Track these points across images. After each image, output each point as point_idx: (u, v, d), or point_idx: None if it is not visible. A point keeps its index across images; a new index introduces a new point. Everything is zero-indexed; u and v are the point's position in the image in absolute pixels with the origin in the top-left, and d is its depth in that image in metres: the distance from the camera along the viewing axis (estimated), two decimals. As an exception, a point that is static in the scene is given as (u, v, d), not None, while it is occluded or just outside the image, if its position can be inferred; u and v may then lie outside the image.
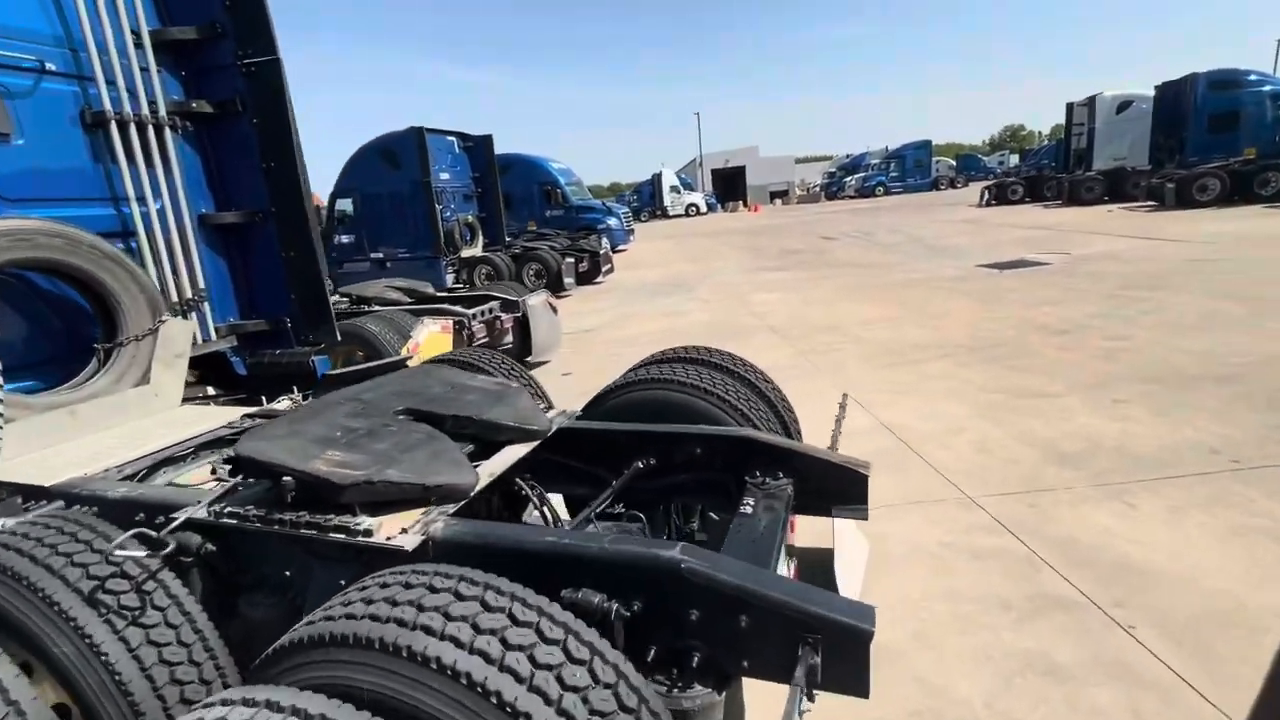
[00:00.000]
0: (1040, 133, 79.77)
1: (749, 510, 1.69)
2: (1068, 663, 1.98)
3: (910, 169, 40.64)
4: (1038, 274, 9.19)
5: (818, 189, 49.55)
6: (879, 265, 11.67)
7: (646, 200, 43.88)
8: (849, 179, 44.72)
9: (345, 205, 12.33)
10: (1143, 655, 1.98)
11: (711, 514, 1.94)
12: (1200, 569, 2.36)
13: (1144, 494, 2.93)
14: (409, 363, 3.48)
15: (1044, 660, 2.00)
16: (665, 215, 41.77)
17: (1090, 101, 20.89)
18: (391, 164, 11.50)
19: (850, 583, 2.26)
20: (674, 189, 42.32)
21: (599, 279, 13.56)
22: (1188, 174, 15.96)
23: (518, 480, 2.00)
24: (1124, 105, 20.39)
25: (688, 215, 41.79)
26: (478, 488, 1.65)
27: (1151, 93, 19.19)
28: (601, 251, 13.41)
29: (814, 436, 2.82)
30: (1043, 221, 16.48)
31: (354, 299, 5.61)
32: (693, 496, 2.00)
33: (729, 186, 54.44)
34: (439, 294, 6.19)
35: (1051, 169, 25.12)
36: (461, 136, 13.02)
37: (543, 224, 18.69)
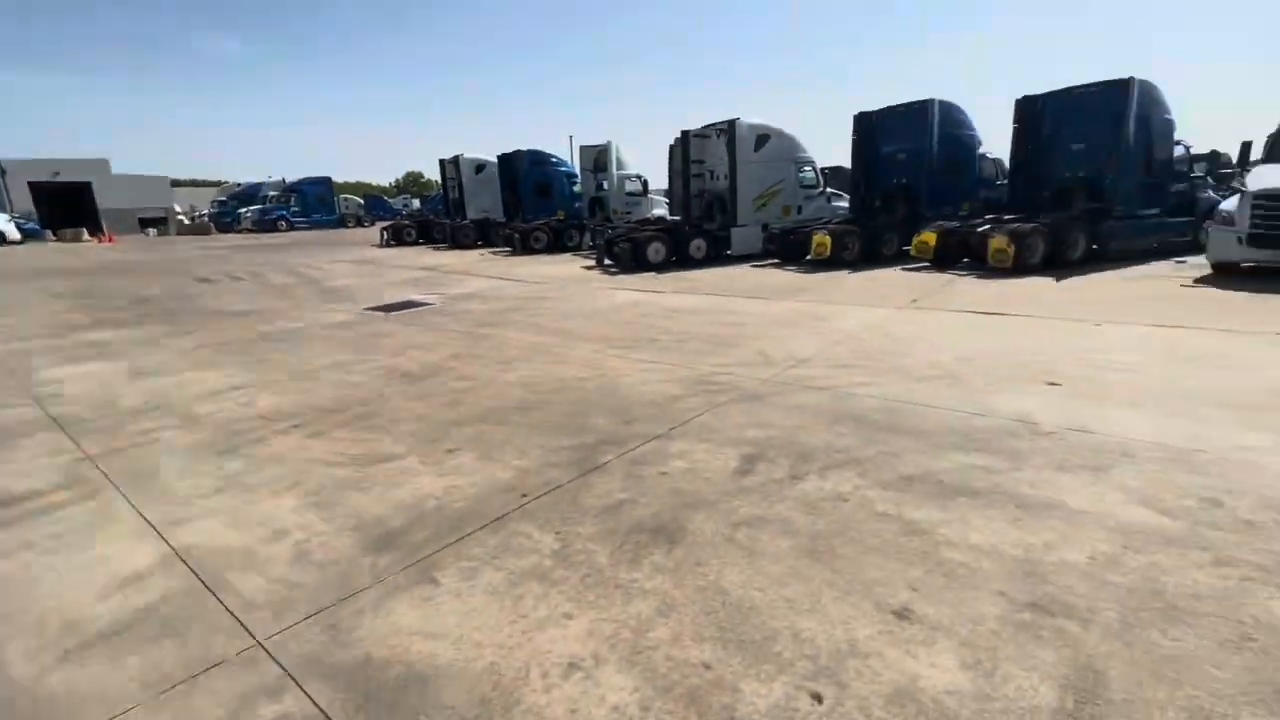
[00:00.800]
0: (435, 181, 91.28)
1: None
2: None
3: (314, 204, 39.22)
4: (419, 315, 9.71)
5: (206, 219, 42.22)
6: (258, 313, 10.20)
7: (-114, 220, 27.95)
8: (245, 210, 39.77)
9: None
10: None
11: None
12: (477, 647, 2.33)
13: (450, 561, 2.90)
14: None
15: None
16: (-66, 244, 27.49)
17: (455, 161, 24.49)
18: None
19: None
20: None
21: None
22: (528, 227, 20.50)
23: None
24: (480, 167, 24.75)
25: (-16, 245, 28.67)
26: None
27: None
28: None
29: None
30: (432, 263, 18.17)
31: None
32: None
33: (69, 208, 40.63)
34: None
35: (438, 216, 28.42)
36: None
37: None
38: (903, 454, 3.89)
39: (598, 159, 21.14)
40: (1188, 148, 13.46)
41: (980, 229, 12.06)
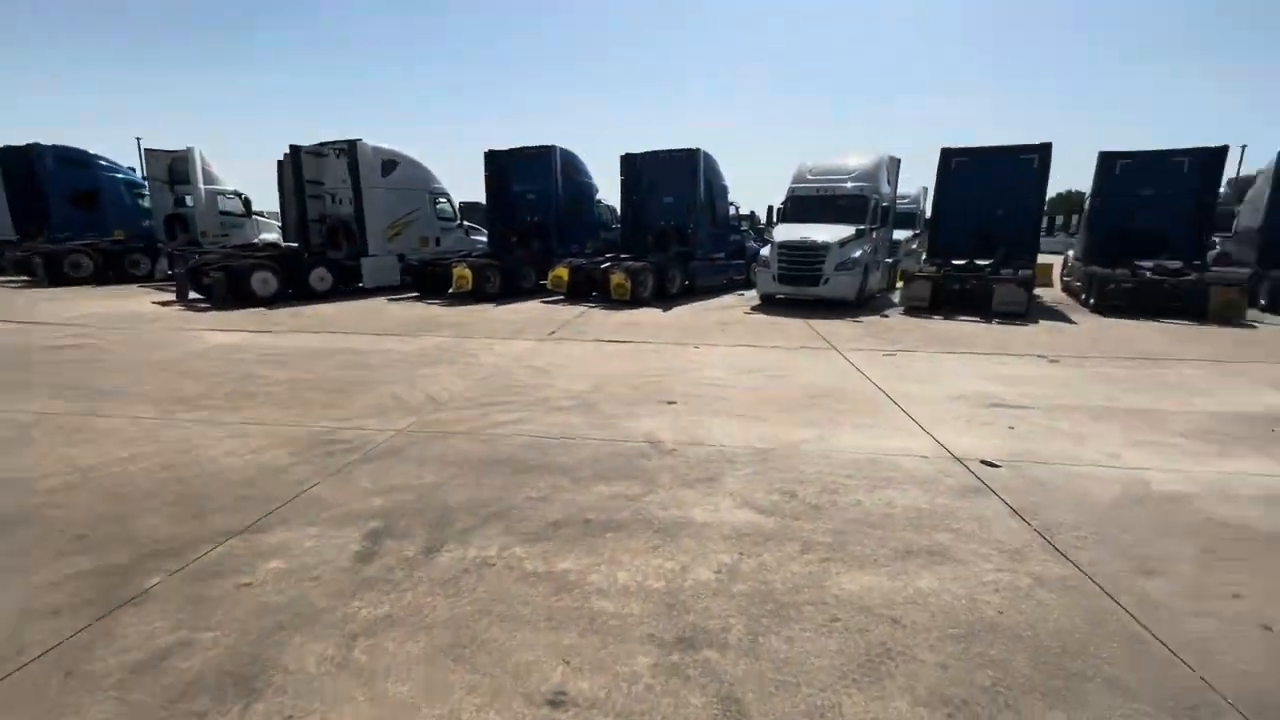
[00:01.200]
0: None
1: None
2: None
3: None
4: None
5: None
6: None
7: None
8: None
9: None
10: None
11: None
12: None
13: None
14: None
15: None
16: None
17: (-91, 148, 16.43)
18: None
19: None
20: None
21: None
22: (58, 249, 14.92)
23: None
24: (-32, 164, 17.14)
25: None
26: None
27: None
28: None
29: None
30: None
31: None
32: None
33: None
34: None
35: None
36: None
37: None
38: (551, 495, 3.69)
39: (173, 167, 16.73)
40: (737, 207, 17.60)
41: (603, 266, 13.43)
